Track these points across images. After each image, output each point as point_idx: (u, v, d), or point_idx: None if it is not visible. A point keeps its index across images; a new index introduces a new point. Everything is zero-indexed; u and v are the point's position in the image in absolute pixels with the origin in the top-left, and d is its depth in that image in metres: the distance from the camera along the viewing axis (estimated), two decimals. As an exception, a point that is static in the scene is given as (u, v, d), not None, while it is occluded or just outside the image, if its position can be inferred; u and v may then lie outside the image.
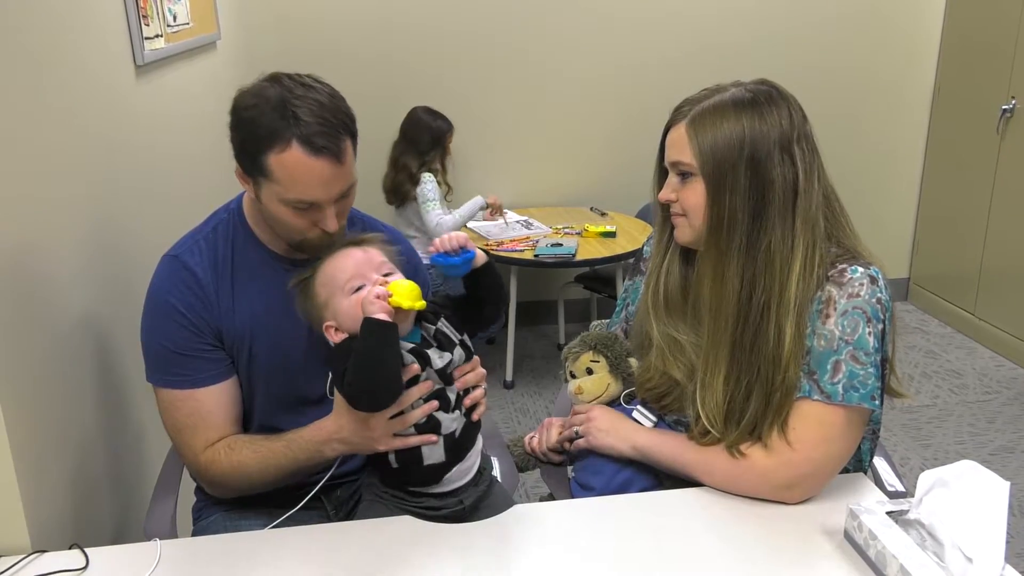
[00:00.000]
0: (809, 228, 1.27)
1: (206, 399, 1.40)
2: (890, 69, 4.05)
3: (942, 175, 4.11)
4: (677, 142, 1.32)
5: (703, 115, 1.29)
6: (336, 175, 1.30)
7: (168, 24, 2.16)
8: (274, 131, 1.26)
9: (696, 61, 3.89)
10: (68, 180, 1.51)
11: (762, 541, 1.22)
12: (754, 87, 1.32)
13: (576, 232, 3.52)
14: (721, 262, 1.29)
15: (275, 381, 1.46)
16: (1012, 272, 3.65)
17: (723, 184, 1.27)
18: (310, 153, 1.26)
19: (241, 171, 1.34)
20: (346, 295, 1.27)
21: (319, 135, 1.26)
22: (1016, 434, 3.10)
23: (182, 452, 1.44)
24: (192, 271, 1.39)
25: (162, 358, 1.40)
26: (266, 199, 1.33)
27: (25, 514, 1.24)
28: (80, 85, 1.59)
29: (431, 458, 1.30)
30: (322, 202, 1.31)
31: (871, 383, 1.24)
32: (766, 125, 1.27)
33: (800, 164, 1.27)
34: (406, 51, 3.69)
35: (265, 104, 1.27)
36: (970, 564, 1.05)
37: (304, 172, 1.27)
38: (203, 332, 1.39)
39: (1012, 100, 3.56)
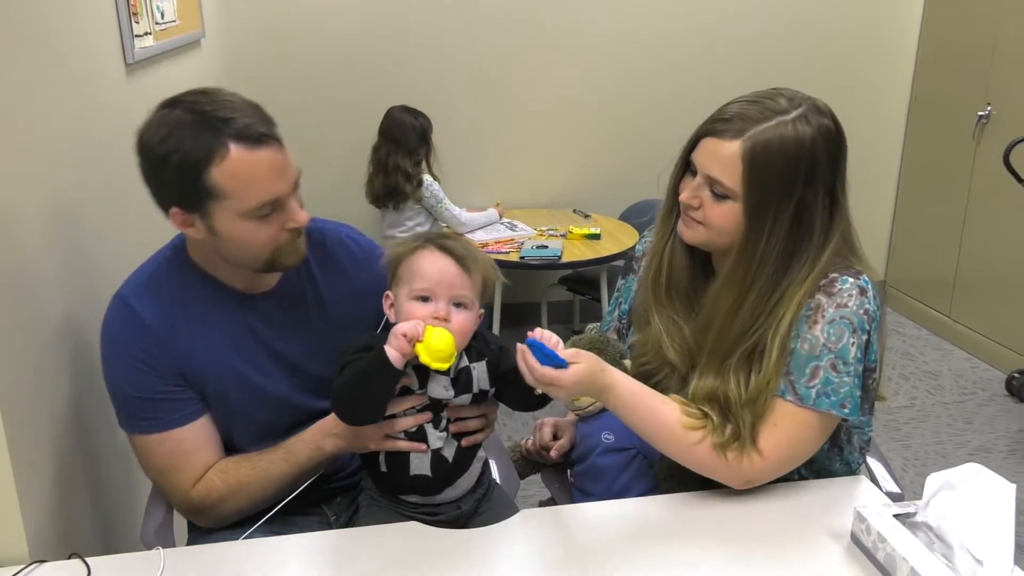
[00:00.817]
0: (828, 265, 1.27)
1: (185, 438, 1.34)
2: (867, 76, 4.11)
3: (918, 180, 4.18)
4: (724, 160, 1.24)
5: (763, 146, 1.22)
6: (285, 161, 1.23)
7: (156, 21, 2.13)
8: (204, 144, 1.16)
9: (678, 66, 3.91)
10: (60, 180, 1.48)
11: (768, 545, 1.23)
12: (815, 118, 1.24)
13: (560, 234, 3.52)
14: (740, 297, 1.28)
15: (253, 415, 1.41)
16: (987, 275, 3.72)
17: (765, 223, 1.24)
18: (252, 146, 1.18)
19: (181, 212, 1.23)
20: (410, 297, 1.25)
21: (251, 125, 1.18)
22: (993, 434, 3.15)
23: (169, 493, 1.39)
24: (140, 317, 1.31)
25: (129, 404, 1.34)
26: (223, 224, 1.23)
27: (24, 523, 1.21)
28: (71, 84, 1.56)
29: (417, 469, 1.29)
30: (283, 195, 1.24)
31: (843, 391, 1.26)
32: (821, 171, 1.23)
33: (841, 207, 1.27)
34: (389, 52, 3.67)
35: (179, 127, 1.17)
36: (980, 566, 1.07)
37: (254, 169, 1.19)
38: (164, 375, 1.32)
39: (988, 107, 3.62)
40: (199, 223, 1.24)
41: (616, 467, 1.45)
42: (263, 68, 3.54)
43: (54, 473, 1.36)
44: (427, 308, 1.23)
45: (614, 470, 1.45)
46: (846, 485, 1.36)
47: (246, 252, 1.28)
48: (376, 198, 3.40)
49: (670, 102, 3.96)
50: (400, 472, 1.30)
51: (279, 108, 3.36)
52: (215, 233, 1.25)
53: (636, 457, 1.45)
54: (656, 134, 3.98)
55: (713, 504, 1.32)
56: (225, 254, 1.30)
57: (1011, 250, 3.55)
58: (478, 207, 3.69)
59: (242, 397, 1.38)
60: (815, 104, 1.26)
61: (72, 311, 1.48)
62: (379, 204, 3.41)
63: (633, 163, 3.98)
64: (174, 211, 1.25)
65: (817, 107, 1.26)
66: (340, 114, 3.70)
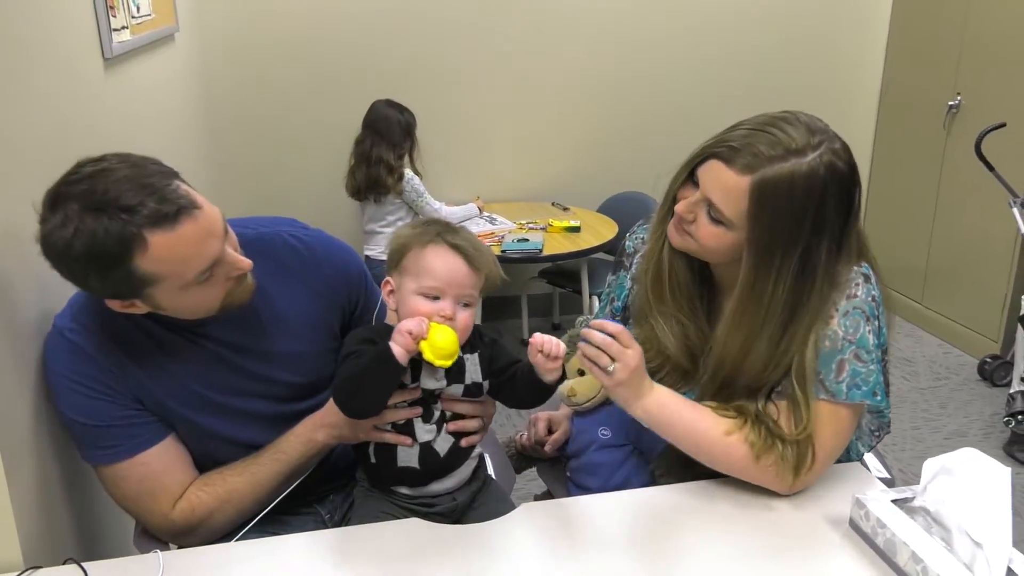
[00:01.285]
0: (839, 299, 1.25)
1: (152, 461, 1.28)
2: (838, 67, 4.15)
3: (890, 170, 4.24)
4: (729, 191, 1.19)
5: (773, 188, 1.16)
6: (208, 220, 1.14)
7: (132, 15, 2.09)
8: (120, 239, 1.08)
9: (654, 62, 3.93)
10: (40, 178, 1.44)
11: (767, 533, 1.24)
12: (831, 162, 1.18)
13: (540, 227, 3.52)
14: (748, 342, 1.26)
15: (232, 433, 1.36)
16: (958, 262, 3.79)
17: (771, 268, 1.21)
18: (170, 227, 1.10)
19: (119, 302, 1.18)
20: (416, 292, 1.24)
21: (160, 205, 1.09)
22: (967, 419, 3.21)
23: (146, 520, 1.33)
24: (81, 348, 1.25)
25: (87, 434, 1.27)
26: (166, 300, 1.18)
27: (17, 528, 1.18)
28: (49, 79, 1.52)
29: (405, 461, 1.29)
30: (219, 253, 1.17)
31: (872, 379, 1.27)
32: (830, 221, 1.19)
33: (848, 248, 1.24)
34: (367, 46, 3.64)
35: (83, 225, 1.07)
36: (979, 549, 1.09)
37: (181, 248, 1.12)
38: (119, 400, 1.26)
39: (958, 96, 3.68)
40: (141, 304, 1.19)
41: (613, 463, 1.46)
42: (238, 62, 3.50)
43: (45, 479, 1.33)
44: (433, 306, 1.22)
45: (610, 466, 1.46)
46: (841, 472, 1.38)
47: (197, 311, 1.25)
48: (357, 191, 3.37)
49: (646, 97, 3.97)
50: (388, 464, 1.29)
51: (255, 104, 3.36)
52: (160, 308, 1.20)
53: (632, 453, 1.46)
54: (633, 128, 4.01)
55: (711, 495, 1.33)
56: (174, 316, 1.25)
57: (981, 238, 3.61)
58: (457, 201, 3.68)
59: (214, 419, 1.33)
60: (832, 147, 1.19)
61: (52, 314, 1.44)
62: (359, 197, 3.39)
63: (611, 156, 3.99)
64: (110, 302, 1.19)
65: (834, 150, 1.19)
66: (318, 109, 3.66)
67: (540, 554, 1.21)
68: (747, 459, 1.26)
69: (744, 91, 4.05)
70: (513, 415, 3.11)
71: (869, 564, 1.16)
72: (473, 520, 1.32)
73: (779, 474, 1.27)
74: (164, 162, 1.17)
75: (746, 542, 1.22)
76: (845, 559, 1.18)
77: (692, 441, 1.29)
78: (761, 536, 1.23)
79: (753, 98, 4.08)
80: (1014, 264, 3.45)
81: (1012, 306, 3.44)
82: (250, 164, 3.58)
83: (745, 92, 4.06)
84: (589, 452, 1.48)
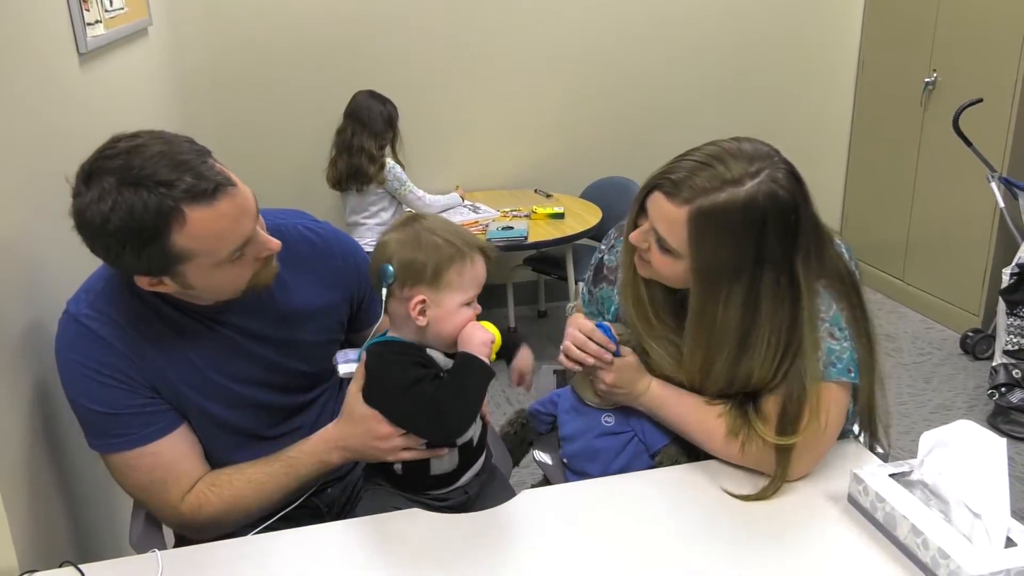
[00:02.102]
0: (813, 319, 1.25)
1: (164, 451, 1.28)
2: (814, 46, 4.16)
3: (868, 147, 4.26)
4: (670, 222, 1.21)
5: (707, 219, 1.18)
6: (243, 199, 1.16)
7: (106, 9, 2.05)
8: (158, 212, 1.08)
9: (633, 47, 3.92)
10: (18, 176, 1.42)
11: (767, 510, 1.25)
12: (770, 190, 1.17)
13: (524, 215, 3.51)
14: (707, 362, 1.30)
15: (239, 422, 1.37)
16: (937, 238, 3.82)
17: (719, 295, 1.23)
18: (208, 203, 1.11)
19: (148, 278, 1.17)
20: (461, 304, 1.22)
21: (197, 180, 1.10)
22: (951, 392, 3.25)
23: (156, 510, 1.33)
24: (96, 334, 1.24)
25: (99, 422, 1.26)
26: (197, 278, 1.18)
27: (11, 532, 1.16)
28: (23, 76, 1.48)
29: (439, 469, 1.29)
30: (250, 236, 1.18)
31: (846, 356, 1.28)
32: (771, 251, 1.19)
33: (803, 278, 1.22)
34: (344, 36, 3.60)
35: (121, 198, 1.08)
36: (977, 519, 1.10)
37: (218, 224, 1.13)
38: (134, 388, 1.25)
39: (934, 73, 3.71)
40: (170, 282, 1.19)
41: (613, 450, 1.45)
42: (213, 54, 3.45)
43: (39, 482, 1.31)
44: (473, 311, 1.25)
45: (611, 452, 1.45)
46: (838, 448, 1.39)
47: (224, 292, 1.25)
48: (338, 181, 3.34)
49: (625, 82, 3.97)
50: (420, 474, 1.29)
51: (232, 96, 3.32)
52: (189, 287, 1.20)
53: (632, 440, 1.45)
54: (613, 113, 4.00)
55: (710, 475, 1.33)
56: (199, 298, 1.25)
57: (960, 213, 3.65)
58: (438, 191, 3.66)
59: (226, 409, 1.34)
60: (773, 175, 1.18)
61: (36, 317, 1.42)
62: (341, 187, 3.36)
63: (592, 141, 3.99)
64: (139, 279, 1.18)
65: (775, 178, 1.18)
66: (297, 99, 3.62)
67: (546, 539, 1.21)
68: (740, 451, 1.31)
69: (721, 72, 4.06)
70: (504, 404, 3.11)
71: (869, 539, 1.17)
72: (477, 509, 1.31)
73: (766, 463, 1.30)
74: None
75: (747, 520, 1.23)
76: (845, 534, 1.19)
77: (691, 434, 1.36)
78: (761, 514, 1.24)
79: (730, 79, 4.10)
80: (993, 238, 3.49)
81: (992, 280, 3.48)
82: (228, 156, 3.50)
83: (721, 73, 4.06)
84: (590, 437, 1.47)
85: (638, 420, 1.43)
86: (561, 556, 1.17)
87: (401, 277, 1.21)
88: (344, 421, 1.29)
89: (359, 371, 1.27)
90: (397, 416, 1.23)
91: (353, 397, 1.27)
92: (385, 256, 1.22)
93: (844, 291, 1.29)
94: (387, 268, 1.21)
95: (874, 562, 1.13)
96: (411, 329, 1.25)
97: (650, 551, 1.17)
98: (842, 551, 1.16)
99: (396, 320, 1.26)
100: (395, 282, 1.21)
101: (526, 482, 1.91)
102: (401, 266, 1.20)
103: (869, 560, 1.14)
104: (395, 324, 1.27)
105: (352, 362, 1.34)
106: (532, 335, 3.80)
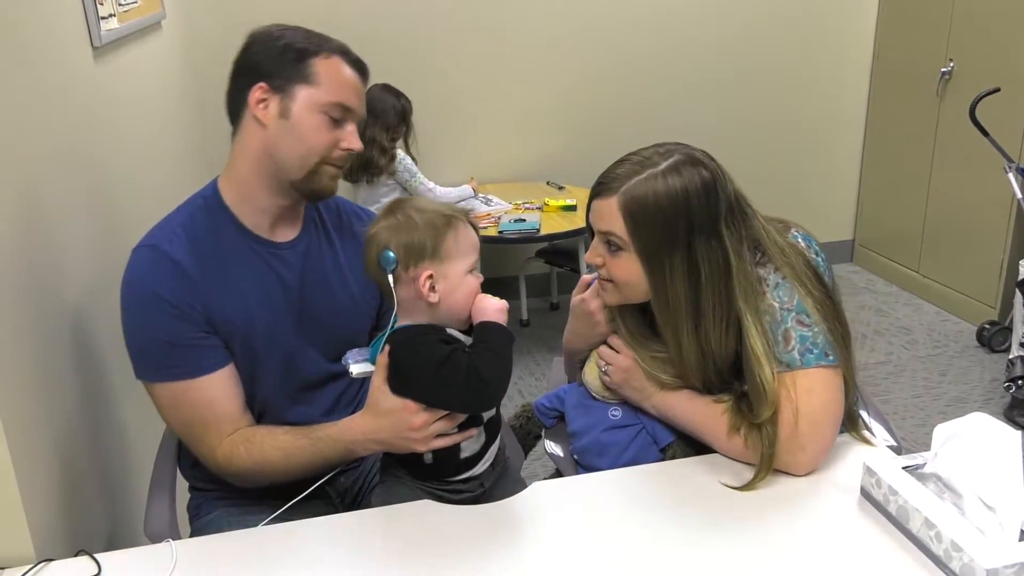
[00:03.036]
0: (747, 290, 1.30)
1: (210, 388, 1.35)
2: (829, 36, 4.13)
3: (884, 139, 4.23)
4: (608, 214, 1.30)
5: (637, 197, 1.27)
6: (363, 93, 1.39)
7: (120, 3, 2.06)
8: (316, 42, 1.35)
9: (644, 40, 3.90)
10: (33, 171, 1.43)
11: (779, 503, 1.24)
12: (686, 170, 1.29)
13: (536, 207, 3.51)
14: (677, 343, 1.34)
15: (275, 369, 1.42)
16: (953, 230, 3.79)
17: (663, 272, 1.29)
18: (349, 64, 1.36)
19: (265, 88, 1.32)
20: (465, 272, 1.25)
21: (350, 53, 1.38)
22: (967, 385, 3.23)
23: (197, 449, 1.40)
24: (174, 259, 1.33)
25: (155, 352, 1.33)
26: (299, 108, 1.32)
27: (28, 522, 1.18)
28: (39, 70, 1.49)
29: (469, 450, 1.29)
30: (354, 111, 1.37)
31: (820, 340, 1.29)
32: (699, 218, 1.27)
33: (729, 242, 1.29)
34: (357, 29, 3.56)
35: (294, 31, 1.36)
36: (992, 512, 1.09)
37: (347, 78, 1.35)
38: (195, 320, 1.33)
39: (950, 62, 3.67)
40: (274, 104, 1.33)
41: (621, 443, 1.45)
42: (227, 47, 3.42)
43: (56, 471, 1.33)
44: (477, 279, 1.27)
45: (619, 445, 1.45)
46: (850, 440, 1.38)
47: (299, 151, 1.34)
48: (349, 172, 3.34)
49: (638, 74, 3.95)
50: (451, 460, 1.30)
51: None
52: (285, 116, 1.32)
53: (640, 432, 1.45)
54: (626, 106, 3.99)
55: (722, 468, 1.33)
56: (278, 151, 1.34)
57: (976, 204, 3.61)
58: (451, 183, 3.66)
59: (267, 347, 1.40)
60: (690, 155, 1.31)
61: (58, 301, 1.44)
62: (352, 179, 3.36)
63: (604, 134, 3.97)
64: (259, 87, 1.32)
65: (686, 153, 1.31)
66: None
67: (558, 531, 1.21)
68: (744, 446, 1.32)
69: (737, 64, 4.03)
70: (515, 395, 3.12)
71: (882, 531, 1.17)
72: (489, 500, 1.31)
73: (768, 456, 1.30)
74: (156, 150, 1.20)
75: (759, 513, 1.22)
76: (858, 527, 1.19)
77: (699, 434, 1.38)
78: (773, 506, 1.24)
79: (744, 70, 4.07)
80: (1010, 229, 3.45)
81: (1009, 271, 3.44)
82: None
83: (738, 65, 4.04)
84: (597, 432, 1.47)
85: (646, 412, 1.43)
86: (575, 547, 1.17)
87: (404, 259, 1.22)
88: (371, 415, 1.28)
89: (380, 363, 1.26)
90: (436, 394, 1.21)
91: (379, 391, 1.26)
92: (380, 245, 1.23)
93: (798, 277, 1.32)
94: (388, 254, 1.21)
95: (887, 554, 1.13)
96: (423, 311, 1.24)
97: (661, 543, 1.17)
98: (855, 543, 1.16)
99: (406, 305, 1.25)
100: (398, 266, 1.22)
101: (538, 474, 1.91)
102: (400, 248, 1.22)
103: (882, 552, 1.13)
104: (405, 310, 1.26)
105: (363, 361, 1.33)
106: (545, 327, 3.80)
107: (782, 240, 1.35)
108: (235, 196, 1.39)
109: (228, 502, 1.48)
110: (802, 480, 1.29)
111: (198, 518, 1.50)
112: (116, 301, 1.34)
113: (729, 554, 1.14)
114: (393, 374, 1.25)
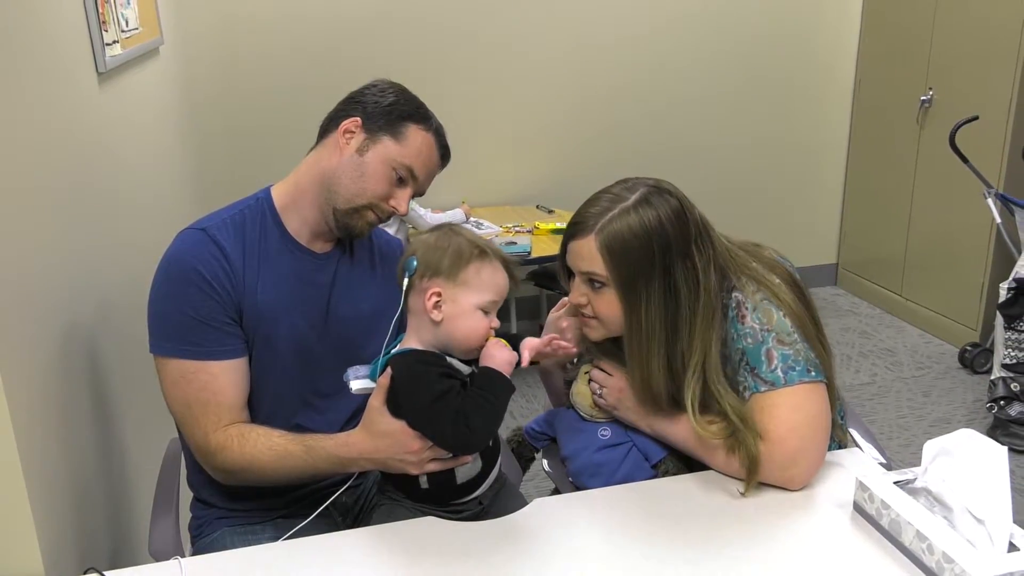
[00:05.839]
0: (713, 316, 1.35)
1: (219, 374, 1.37)
2: (811, 64, 4.22)
3: (866, 165, 4.31)
4: (587, 255, 1.34)
5: (613, 233, 1.32)
6: (434, 175, 1.51)
7: (122, 29, 2.10)
8: (424, 115, 1.47)
9: (635, 64, 3.98)
10: (39, 195, 1.46)
11: (776, 519, 1.28)
12: (656, 199, 1.34)
13: (527, 230, 3.55)
14: (646, 361, 1.36)
15: (290, 372, 1.45)
16: (935, 253, 3.87)
17: (639, 299, 1.33)
18: (437, 145, 1.48)
19: (358, 125, 1.43)
20: (476, 305, 1.25)
21: (443, 138, 1.51)
22: (950, 406, 3.28)
23: (190, 432, 1.40)
24: (221, 245, 1.39)
25: (178, 325, 1.36)
26: (374, 153, 1.42)
27: (38, 539, 1.19)
28: (45, 96, 1.52)
29: (465, 476, 1.31)
30: (419, 182, 1.46)
31: (802, 357, 1.34)
32: (674, 242, 1.32)
33: (699, 263, 1.34)
34: (350, 53, 3.64)
35: (411, 97, 1.50)
36: (981, 525, 1.13)
37: (427, 154, 1.46)
38: (226, 304, 1.38)
39: (930, 91, 3.77)
40: (358, 139, 1.43)
41: (613, 462, 1.48)
42: (223, 71, 3.48)
43: (67, 489, 1.34)
44: (489, 320, 1.27)
45: (611, 465, 1.48)
46: (842, 457, 1.42)
47: (355, 187, 1.42)
48: None
49: (625, 99, 4.02)
50: (446, 485, 1.31)
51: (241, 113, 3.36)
52: (361, 154, 1.42)
53: (631, 450, 1.48)
54: (613, 130, 4.05)
55: (717, 484, 1.36)
56: (338, 178, 1.43)
57: (957, 229, 3.69)
58: (442, 207, 3.69)
59: (288, 347, 1.43)
60: (656, 186, 1.37)
61: (61, 318, 1.45)
62: None
63: (593, 158, 4.03)
64: (353, 120, 1.44)
65: (650, 185, 1.37)
66: (304, 116, 3.63)
67: (561, 546, 1.24)
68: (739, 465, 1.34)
69: (722, 90, 4.11)
70: (507, 418, 3.13)
71: (875, 545, 1.21)
72: (490, 517, 1.34)
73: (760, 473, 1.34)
74: (156, 173, 1.22)
75: (754, 528, 1.26)
76: (852, 540, 1.22)
77: (696, 455, 1.41)
78: (767, 521, 1.27)
79: (730, 97, 4.15)
80: (990, 253, 3.53)
81: (990, 294, 3.52)
82: (236, 166, 3.55)
83: (723, 91, 4.12)
84: (589, 453, 1.50)
85: (634, 430, 1.47)
86: (580, 563, 1.20)
87: (421, 268, 1.26)
88: (367, 434, 1.29)
89: (381, 384, 1.27)
90: (423, 426, 1.23)
91: (376, 411, 1.27)
92: (411, 251, 1.29)
93: (776, 296, 1.36)
94: (411, 260, 1.27)
95: (880, 567, 1.16)
96: (427, 327, 1.26)
97: (659, 558, 1.20)
98: (849, 557, 1.19)
99: (413, 317, 1.28)
100: (415, 274, 1.26)
101: (532, 494, 1.93)
102: (423, 258, 1.26)
103: (876, 565, 1.17)
104: (412, 324, 1.29)
105: (364, 378, 1.34)
106: (535, 349, 3.82)
107: (757, 262, 1.40)
108: (286, 201, 1.46)
109: (230, 521, 1.49)
110: (797, 495, 1.33)
111: (200, 537, 1.51)
112: (123, 320, 1.36)
113: (725, 568, 1.17)
114: (392, 395, 1.27)
